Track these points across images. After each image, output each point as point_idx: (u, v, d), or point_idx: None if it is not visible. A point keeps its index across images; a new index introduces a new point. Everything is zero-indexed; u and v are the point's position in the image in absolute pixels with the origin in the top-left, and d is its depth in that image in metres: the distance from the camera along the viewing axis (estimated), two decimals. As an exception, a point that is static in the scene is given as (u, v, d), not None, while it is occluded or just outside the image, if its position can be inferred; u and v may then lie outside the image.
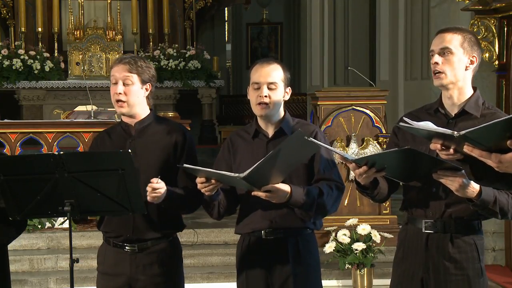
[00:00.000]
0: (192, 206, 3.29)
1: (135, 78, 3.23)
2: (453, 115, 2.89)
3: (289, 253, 3.10)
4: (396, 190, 3.02)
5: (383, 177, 2.84)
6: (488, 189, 2.68)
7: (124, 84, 3.22)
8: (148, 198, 3.03)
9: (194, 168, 2.89)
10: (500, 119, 2.07)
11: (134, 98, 3.23)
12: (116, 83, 3.24)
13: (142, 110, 3.30)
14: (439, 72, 2.84)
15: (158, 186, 3.02)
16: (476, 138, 2.17)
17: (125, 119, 3.32)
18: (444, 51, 2.84)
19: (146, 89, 3.28)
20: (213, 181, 2.88)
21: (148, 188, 3.02)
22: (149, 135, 3.28)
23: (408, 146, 2.66)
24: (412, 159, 2.58)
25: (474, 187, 2.65)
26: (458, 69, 2.85)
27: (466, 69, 2.88)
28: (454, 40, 2.85)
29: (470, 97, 2.90)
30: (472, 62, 2.89)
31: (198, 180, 2.90)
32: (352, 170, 2.70)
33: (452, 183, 2.61)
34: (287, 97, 3.16)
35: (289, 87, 3.16)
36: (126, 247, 3.25)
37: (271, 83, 3.07)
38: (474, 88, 2.93)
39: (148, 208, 3.14)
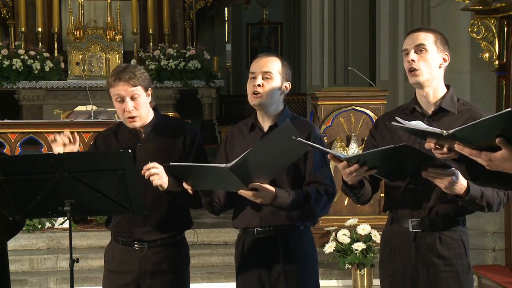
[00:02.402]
0: (198, 200, 3.26)
1: (139, 89, 3.22)
2: (430, 113, 2.92)
3: (279, 251, 3.09)
4: (377, 191, 3.04)
5: (365, 178, 2.84)
6: (474, 184, 2.69)
7: (132, 99, 3.21)
8: (146, 176, 3.04)
9: (182, 164, 2.90)
10: (488, 117, 2.06)
11: (144, 108, 3.25)
12: (122, 101, 3.21)
13: (150, 115, 3.32)
14: (415, 70, 2.87)
15: (151, 166, 3.03)
16: (464, 137, 2.16)
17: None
18: (420, 48, 2.88)
19: (148, 95, 3.29)
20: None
21: (145, 171, 3.04)
22: (158, 137, 3.29)
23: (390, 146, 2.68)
24: (405, 157, 2.58)
25: (462, 183, 2.67)
26: (433, 66, 2.89)
27: (439, 67, 2.92)
28: (428, 38, 2.90)
29: (445, 94, 2.94)
30: (445, 60, 2.94)
31: (185, 186, 2.93)
32: (341, 169, 2.69)
33: (441, 180, 2.63)
34: (286, 92, 3.14)
35: (289, 82, 3.14)
36: (136, 245, 3.27)
37: (265, 72, 3.07)
38: (448, 86, 2.98)
39: (160, 208, 3.19)
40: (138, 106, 3.21)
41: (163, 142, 3.27)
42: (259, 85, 3.06)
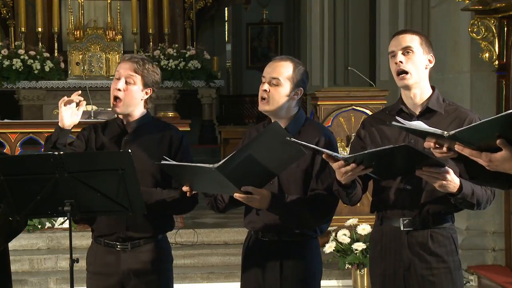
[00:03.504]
0: (182, 207, 3.29)
1: (138, 79, 3.21)
2: (417, 113, 2.95)
3: (280, 257, 3.07)
4: (365, 192, 3.03)
5: (356, 178, 2.84)
6: (466, 182, 2.73)
7: (126, 82, 3.21)
8: None
9: (170, 163, 2.90)
10: (489, 118, 2.07)
11: (131, 98, 3.22)
12: (118, 79, 3.22)
13: (137, 111, 3.28)
14: (404, 72, 2.91)
15: None
16: (465, 138, 2.18)
17: (121, 116, 3.31)
18: (407, 50, 2.92)
19: (146, 93, 3.26)
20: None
21: None
22: (144, 134, 3.27)
23: (376, 147, 2.72)
24: (402, 156, 2.59)
25: (455, 181, 2.70)
26: (420, 68, 2.93)
27: (425, 68, 2.96)
28: (414, 41, 2.93)
29: (431, 95, 2.98)
30: (430, 62, 2.98)
31: (184, 188, 2.93)
32: (336, 169, 2.68)
33: (435, 179, 2.66)
34: (297, 98, 3.08)
35: (301, 88, 3.07)
36: (118, 246, 3.25)
37: (273, 78, 3.03)
38: (433, 88, 3.01)
39: None
40: (127, 92, 3.20)
41: (149, 140, 3.26)
42: (264, 90, 3.04)
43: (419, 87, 2.95)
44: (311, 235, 3.11)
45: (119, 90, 3.20)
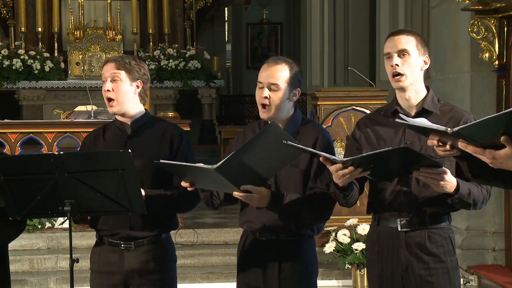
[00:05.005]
0: (184, 205, 3.31)
1: (122, 74, 3.21)
2: (413, 114, 2.94)
3: (277, 257, 3.07)
4: (362, 193, 3.03)
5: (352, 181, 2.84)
6: (463, 182, 2.74)
7: (112, 81, 3.22)
8: None
9: (170, 163, 2.91)
10: (493, 115, 2.07)
11: (123, 94, 3.22)
12: (105, 82, 3.24)
13: (134, 108, 3.29)
14: (399, 75, 2.89)
15: None
16: (469, 135, 2.18)
17: (119, 118, 3.32)
18: (403, 53, 2.90)
19: (137, 86, 3.26)
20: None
21: None
22: (145, 134, 3.28)
23: (371, 149, 2.72)
24: (400, 158, 2.59)
25: (453, 182, 2.71)
26: (416, 70, 2.92)
27: (421, 70, 2.96)
28: (410, 42, 2.91)
29: (426, 96, 2.97)
30: (425, 63, 2.97)
31: (183, 184, 2.93)
32: (333, 171, 2.68)
33: (433, 180, 2.66)
34: (295, 98, 3.09)
35: (298, 89, 3.08)
36: (122, 245, 3.25)
37: (272, 84, 3.01)
38: (428, 88, 3.01)
39: None
40: (117, 90, 3.21)
41: (150, 139, 3.27)
42: (265, 97, 3.02)
43: (414, 89, 2.94)
44: (308, 234, 3.12)
45: (108, 91, 3.21)
